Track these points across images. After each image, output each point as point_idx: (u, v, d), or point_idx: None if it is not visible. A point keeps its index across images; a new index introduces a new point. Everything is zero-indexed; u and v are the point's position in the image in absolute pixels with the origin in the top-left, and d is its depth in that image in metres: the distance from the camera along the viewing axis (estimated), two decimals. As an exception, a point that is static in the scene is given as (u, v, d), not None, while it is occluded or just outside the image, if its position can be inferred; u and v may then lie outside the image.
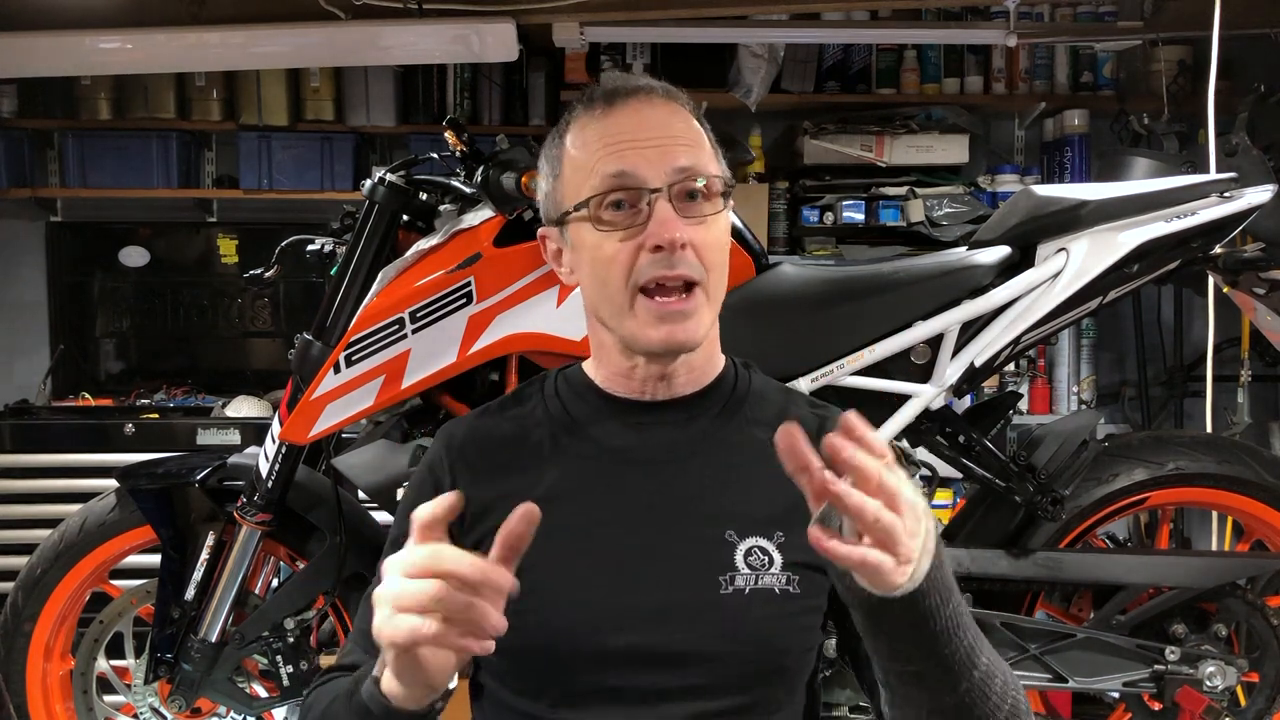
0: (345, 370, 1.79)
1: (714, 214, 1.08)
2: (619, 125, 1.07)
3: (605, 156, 1.06)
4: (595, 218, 1.06)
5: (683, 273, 1.05)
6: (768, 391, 1.19)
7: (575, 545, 1.07)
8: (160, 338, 3.77)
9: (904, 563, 0.81)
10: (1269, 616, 1.93)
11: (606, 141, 1.07)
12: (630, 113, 1.08)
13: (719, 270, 1.09)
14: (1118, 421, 3.72)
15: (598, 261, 1.07)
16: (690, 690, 1.04)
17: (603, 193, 1.06)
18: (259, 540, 1.98)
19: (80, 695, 2.15)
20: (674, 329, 1.06)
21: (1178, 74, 3.47)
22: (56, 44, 2.73)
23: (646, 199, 1.05)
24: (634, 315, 1.06)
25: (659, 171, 1.05)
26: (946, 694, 0.92)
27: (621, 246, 1.05)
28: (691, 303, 1.06)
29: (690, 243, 1.05)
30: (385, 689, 0.91)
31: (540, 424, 1.16)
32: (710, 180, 1.07)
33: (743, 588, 1.05)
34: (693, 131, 1.10)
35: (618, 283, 1.06)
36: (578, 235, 1.10)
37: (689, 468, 1.11)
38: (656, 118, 1.08)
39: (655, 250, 1.04)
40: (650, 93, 1.10)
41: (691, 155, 1.07)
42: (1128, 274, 1.85)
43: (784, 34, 3.31)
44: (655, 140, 1.06)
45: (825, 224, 3.52)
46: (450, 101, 3.66)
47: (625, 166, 1.05)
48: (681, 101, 1.12)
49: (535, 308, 1.77)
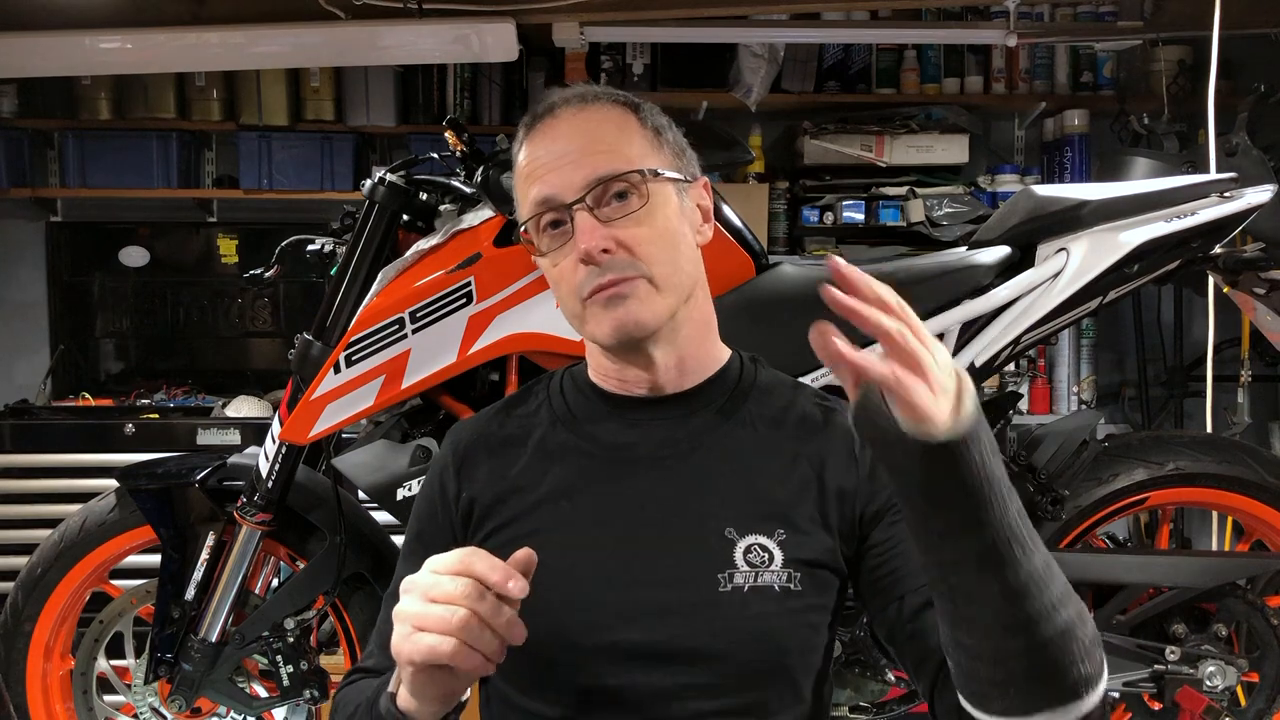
0: (345, 370, 1.79)
1: (642, 208, 1.07)
2: (539, 147, 1.10)
3: (530, 182, 1.09)
4: (538, 242, 1.10)
5: (613, 278, 1.06)
6: (775, 386, 1.18)
7: (576, 543, 1.08)
8: (160, 338, 3.77)
9: (938, 391, 0.80)
10: (1269, 616, 1.93)
11: (531, 167, 1.10)
12: (558, 125, 1.10)
13: (665, 260, 1.08)
14: (1118, 421, 3.72)
15: (552, 280, 1.11)
16: (691, 689, 1.04)
17: (532, 216, 1.09)
18: (259, 540, 1.98)
19: (80, 695, 2.15)
20: (617, 313, 1.06)
21: (1178, 74, 3.47)
22: (56, 44, 2.73)
23: (568, 214, 1.07)
24: (588, 320, 1.09)
25: (572, 185, 1.06)
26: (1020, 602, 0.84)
27: (565, 264, 1.08)
28: (627, 286, 1.06)
29: (620, 243, 1.06)
30: (402, 704, 0.94)
31: (543, 422, 1.17)
32: (629, 175, 1.07)
33: (742, 585, 1.04)
34: (615, 132, 1.09)
35: (571, 297, 1.09)
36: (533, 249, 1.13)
37: (689, 464, 1.11)
38: (579, 126, 1.09)
39: (586, 262, 1.06)
40: (583, 100, 1.11)
41: (609, 158, 1.07)
42: (1128, 274, 1.85)
43: (784, 34, 3.31)
44: (570, 154, 1.07)
45: (825, 224, 3.52)
46: (450, 101, 3.66)
47: (545, 188, 1.08)
48: (618, 100, 1.12)
49: (535, 308, 1.77)
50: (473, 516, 1.13)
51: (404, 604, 0.89)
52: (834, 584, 1.09)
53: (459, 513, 1.15)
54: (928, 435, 0.79)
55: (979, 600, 0.86)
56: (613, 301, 1.06)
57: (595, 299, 1.06)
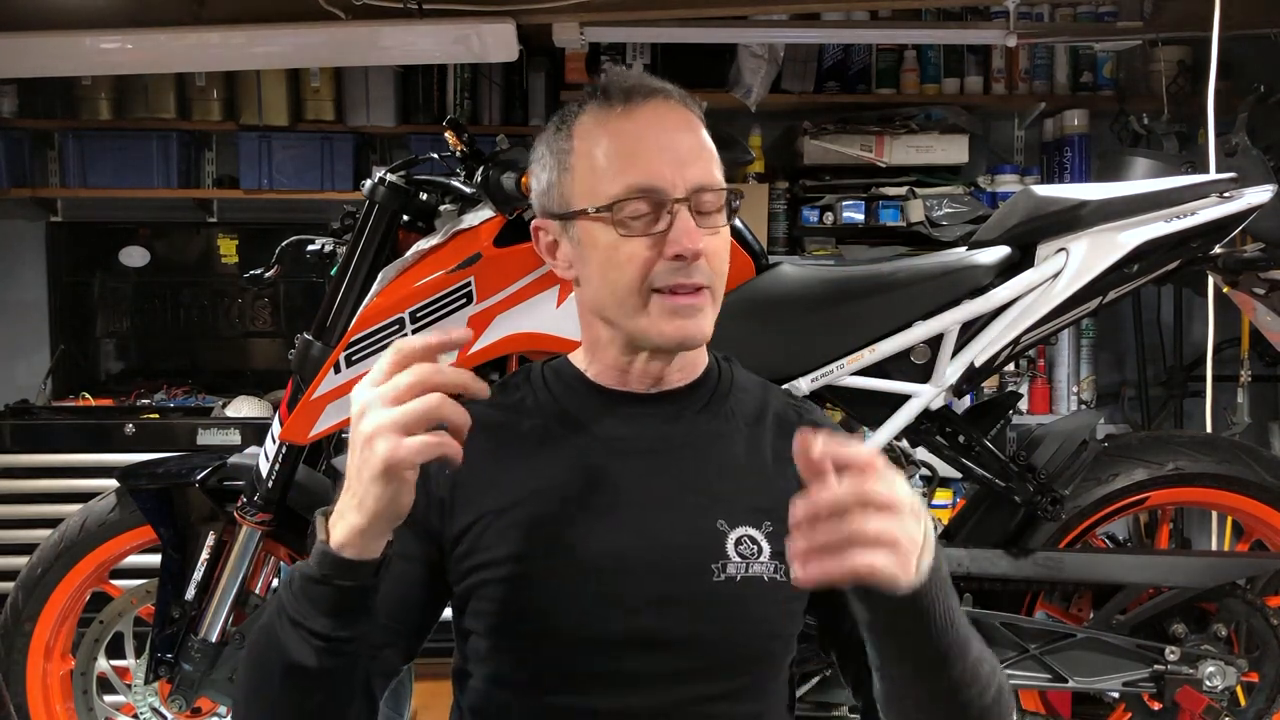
0: (346, 370, 1.79)
1: (724, 225, 1.12)
2: (639, 130, 1.09)
3: (628, 162, 1.08)
4: (618, 221, 1.08)
5: (698, 280, 1.09)
6: (748, 384, 1.23)
7: (571, 533, 1.09)
8: (160, 338, 3.76)
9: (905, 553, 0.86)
10: (1269, 616, 1.93)
11: (629, 146, 1.09)
12: (650, 117, 1.10)
13: (724, 277, 1.13)
14: (1118, 421, 3.72)
15: (612, 263, 1.09)
16: (683, 674, 1.08)
17: (626, 199, 1.08)
18: (259, 540, 1.98)
19: (80, 695, 2.15)
20: (685, 324, 1.09)
21: (1178, 74, 3.47)
22: (56, 44, 2.73)
23: (669, 207, 1.08)
24: (647, 313, 1.09)
25: (681, 181, 1.08)
26: (941, 678, 0.98)
27: (638, 250, 1.08)
28: (701, 299, 1.10)
29: (704, 251, 1.08)
30: (338, 543, 0.97)
31: (531, 413, 1.16)
32: (723, 192, 1.11)
33: (734, 576, 1.09)
34: (707, 143, 1.13)
35: (631, 284, 1.08)
36: (588, 234, 1.11)
37: (680, 458, 1.14)
38: (676, 125, 1.11)
39: (675, 259, 1.07)
40: (668, 97, 1.12)
41: (708, 167, 1.11)
42: (1128, 274, 1.85)
43: (784, 34, 3.31)
44: (676, 149, 1.09)
45: (825, 224, 3.52)
46: (450, 101, 3.66)
47: (650, 174, 1.07)
48: (693, 108, 1.14)
49: (535, 308, 1.77)
50: (455, 496, 1.11)
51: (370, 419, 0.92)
52: None
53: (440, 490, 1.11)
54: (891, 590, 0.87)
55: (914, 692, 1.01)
56: (685, 311, 1.09)
57: (666, 299, 1.08)
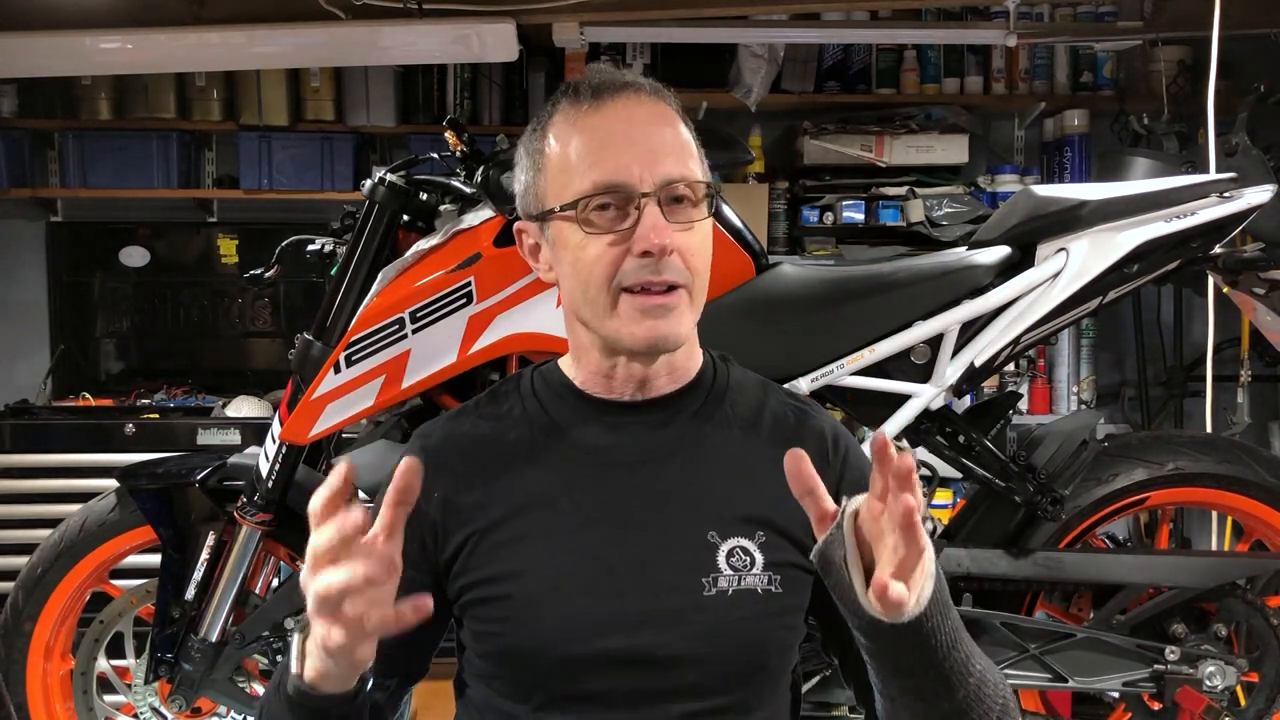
0: (345, 370, 1.79)
1: (700, 220, 1.08)
2: (608, 125, 1.06)
3: (595, 158, 1.05)
4: (583, 219, 1.05)
5: (668, 278, 1.05)
6: (745, 384, 1.18)
7: (558, 548, 1.07)
8: (160, 338, 3.77)
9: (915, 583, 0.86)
10: (1269, 616, 1.93)
11: (596, 142, 1.06)
12: (619, 112, 1.07)
13: (702, 276, 1.09)
14: (1118, 421, 3.72)
15: (581, 262, 1.06)
16: (675, 691, 1.05)
17: (590, 195, 1.05)
18: (259, 540, 1.98)
19: (80, 695, 2.15)
20: (657, 324, 1.05)
21: (1178, 74, 3.46)
22: (56, 44, 2.73)
23: (635, 203, 1.04)
24: (617, 314, 1.06)
25: (649, 176, 1.04)
26: (945, 701, 0.95)
27: (606, 249, 1.05)
28: (673, 298, 1.06)
29: (676, 248, 1.04)
30: (310, 680, 0.94)
31: (518, 425, 1.14)
32: (695, 186, 1.07)
33: (726, 589, 1.05)
34: (681, 135, 1.09)
35: (600, 284, 1.05)
36: (560, 234, 1.09)
37: (669, 468, 1.10)
38: (645, 119, 1.07)
39: (643, 255, 1.03)
40: (639, 90, 1.09)
41: (680, 160, 1.07)
42: (1128, 274, 1.85)
43: (784, 34, 3.31)
44: (645, 143, 1.05)
45: (825, 224, 3.52)
46: (450, 101, 3.66)
47: (616, 170, 1.04)
48: (669, 101, 1.10)
49: (535, 308, 1.77)
50: (446, 518, 1.09)
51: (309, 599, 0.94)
52: (809, 581, 1.09)
53: (431, 513, 1.09)
54: (894, 618, 0.87)
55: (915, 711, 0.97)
56: (655, 311, 1.05)
57: (636, 298, 1.05)
